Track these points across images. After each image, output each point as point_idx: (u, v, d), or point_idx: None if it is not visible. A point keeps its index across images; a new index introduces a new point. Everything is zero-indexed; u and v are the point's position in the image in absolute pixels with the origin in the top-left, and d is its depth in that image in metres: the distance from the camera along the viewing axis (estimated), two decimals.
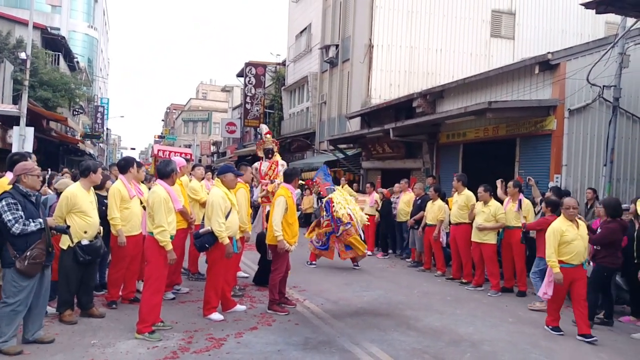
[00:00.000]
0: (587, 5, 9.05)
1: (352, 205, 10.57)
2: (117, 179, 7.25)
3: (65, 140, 26.59)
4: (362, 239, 10.74)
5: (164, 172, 6.18)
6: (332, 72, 23.38)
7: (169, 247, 5.82)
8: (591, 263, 7.33)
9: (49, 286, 5.63)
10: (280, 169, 10.10)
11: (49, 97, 23.19)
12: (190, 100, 73.69)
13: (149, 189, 6.84)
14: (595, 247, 7.19)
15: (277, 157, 10.90)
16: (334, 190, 10.80)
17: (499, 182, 9.80)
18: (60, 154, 27.53)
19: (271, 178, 10.03)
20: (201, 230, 6.70)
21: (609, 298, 7.39)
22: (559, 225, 6.63)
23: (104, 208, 6.77)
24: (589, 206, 9.94)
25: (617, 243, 7.10)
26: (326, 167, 12.03)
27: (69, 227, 5.75)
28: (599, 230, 7.37)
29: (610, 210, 7.20)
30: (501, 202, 9.38)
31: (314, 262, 10.99)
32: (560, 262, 6.50)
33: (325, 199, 10.61)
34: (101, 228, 6.43)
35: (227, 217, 6.56)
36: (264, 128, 11.79)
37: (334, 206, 10.26)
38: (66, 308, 6.20)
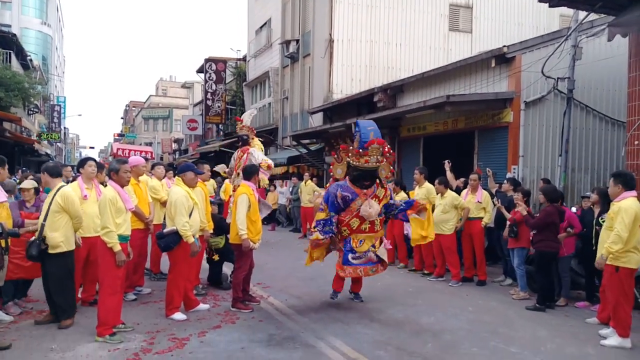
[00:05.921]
0: None
1: None
2: (73, 179, 7.10)
3: (20, 141, 25.92)
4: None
5: (108, 170, 6.17)
6: (293, 67, 23.33)
7: (117, 248, 5.68)
8: None
9: None
10: (251, 157, 9.17)
11: (1, 97, 22.53)
12: (150, 97, 72.43)
13: None
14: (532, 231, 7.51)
15: (257, 144, 9.92)
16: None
17: (446, 165, 9.97)
18: (15, 155, 26.85)
19: (235, 170, 9.18)
20: (165, 230, 6.64)
21: (550, 281, 7.64)
22: None
23: None
24: None
25: (553, 227, 7.32)
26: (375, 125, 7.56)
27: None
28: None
29: (548, 196, 7.52)
30: (458, 191, 9.56)
31: (338, 292, 7.71)
32: None
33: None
34: None
35: (190, 215, 6.54)
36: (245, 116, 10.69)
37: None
38: (68, 315, 6.14)
